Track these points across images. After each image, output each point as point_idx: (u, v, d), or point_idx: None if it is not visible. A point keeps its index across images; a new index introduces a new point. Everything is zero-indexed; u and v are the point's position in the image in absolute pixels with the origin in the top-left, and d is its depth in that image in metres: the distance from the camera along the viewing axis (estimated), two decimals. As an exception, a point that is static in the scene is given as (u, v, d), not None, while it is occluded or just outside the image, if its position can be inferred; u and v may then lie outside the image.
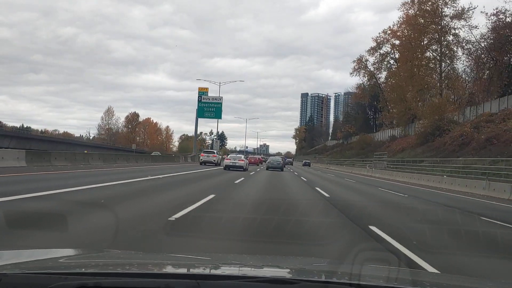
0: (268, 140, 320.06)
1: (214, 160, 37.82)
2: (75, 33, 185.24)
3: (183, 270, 2.05)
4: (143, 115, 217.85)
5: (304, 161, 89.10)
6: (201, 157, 38.96)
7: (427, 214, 10.64)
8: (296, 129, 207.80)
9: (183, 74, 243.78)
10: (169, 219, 6.65)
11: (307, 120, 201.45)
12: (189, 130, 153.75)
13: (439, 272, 4.39)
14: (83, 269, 1.91)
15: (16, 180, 11.72)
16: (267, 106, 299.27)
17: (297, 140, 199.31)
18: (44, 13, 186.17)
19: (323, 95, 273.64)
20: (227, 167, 29.50)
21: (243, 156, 36.02)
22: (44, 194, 8.53)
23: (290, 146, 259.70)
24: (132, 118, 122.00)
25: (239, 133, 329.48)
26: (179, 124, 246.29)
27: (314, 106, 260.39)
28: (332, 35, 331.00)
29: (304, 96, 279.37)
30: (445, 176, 26.71)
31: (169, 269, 2.14)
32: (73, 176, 14.11)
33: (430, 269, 4.53)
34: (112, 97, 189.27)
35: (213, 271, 2.07)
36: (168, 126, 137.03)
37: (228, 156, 32.72)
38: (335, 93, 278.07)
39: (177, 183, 15.17)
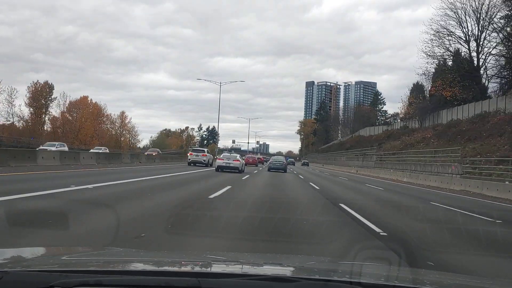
0: (268, 140, 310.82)
1: (204, 160, 33.37)
2: (76, 32, 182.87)
3: (184, 268, 2.04)
4: (143, 115, 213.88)
5: (303, 161, 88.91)
6: (189, 157, 34.47)
7: None
8: (301, 122, 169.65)
9: (184, 73, 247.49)
10: None
11: (317, 109, 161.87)
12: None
13: (439, 270, 4.14)
14: (84, 267, 1.91)
15: None
16: (268, 106, 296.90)
17: (302, 136, 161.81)
18: (45, 11, 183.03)
19: (331, 84, 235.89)
20: (220, 168, 25.45)
21: (238, 155, 29.43)
22: None
23: (291, 146, 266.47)
24: (41, 93, 71.93)
25: (240, 133, 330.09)
26: (180, 124, 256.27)
27: (321, 96, 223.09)
28: (335, 34, 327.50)
29: (310, 85, 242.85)
30: None
31: (170, 267, 2.09)
32: None
33: None
34: (113, 97, 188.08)
35: (214, 269, 2.07)
36: (124, 112, 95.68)
37: (221, 156, 28.41)
38: (345, 83, 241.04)
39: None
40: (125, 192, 10.42)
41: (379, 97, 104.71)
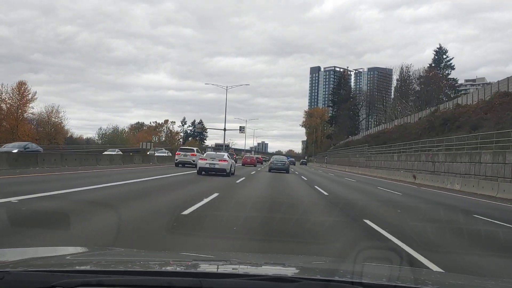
0: (268, 140, 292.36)
1: (194, 161, 29.11)
2: (75, 32, 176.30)
3: (185, 268, 2.01)
4: (143, 115, 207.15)
5: (301, 160, 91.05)
6: (176, 157, 31.56)
7: None
8: (306, 112, 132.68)
9: (184, 73, 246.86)
10: None
11: (333, 87, 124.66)
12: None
13: (441, 270, 4.09)
14: (86, 267, 1.90)
15: None
16: (268, 106, 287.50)
17: (308, 130, 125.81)
18: (44, 11, 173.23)
19: (341, 69, 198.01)
20: (202, 171, 21.22)
21: (226, 154, 23.89)
22: None
23: (291, 146, 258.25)
24: None
25: (240, 133, 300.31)
26: (180, 124, 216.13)
27: (328, 84, 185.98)
28: (336, 33, 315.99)
29: (315, 71, 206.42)
30: None
31: (171, 267, 2.07)
32: None
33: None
34: (113, 97, 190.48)
35: (215, 269, 2.05)
36: (23, 83, 56.96)
37: (204, 155, 23.19)
38: (356, 69, 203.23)
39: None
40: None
41: (444, 57, 66.43)
